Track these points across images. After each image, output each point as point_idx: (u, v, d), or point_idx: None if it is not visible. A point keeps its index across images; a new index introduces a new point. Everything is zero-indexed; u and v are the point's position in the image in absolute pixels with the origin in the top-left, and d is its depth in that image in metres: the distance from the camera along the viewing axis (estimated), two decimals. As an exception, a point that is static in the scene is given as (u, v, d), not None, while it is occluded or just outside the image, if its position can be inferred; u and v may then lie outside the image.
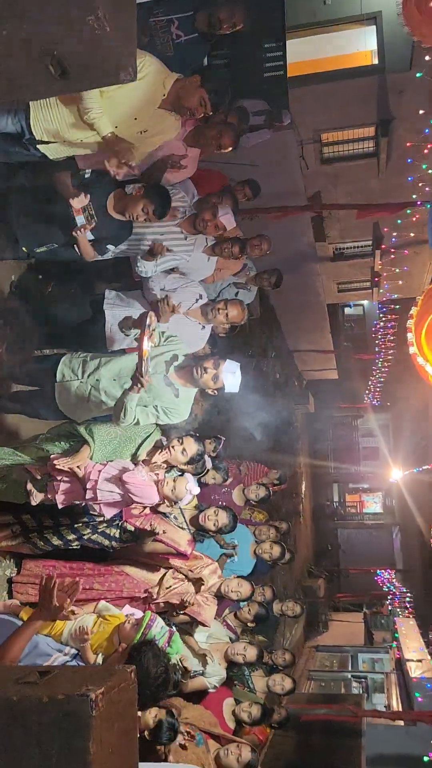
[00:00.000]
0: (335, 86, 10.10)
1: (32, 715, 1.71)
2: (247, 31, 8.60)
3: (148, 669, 2.52)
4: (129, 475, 3.34)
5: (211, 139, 3.86)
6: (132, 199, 3.37)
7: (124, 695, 1.89)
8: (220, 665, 4.70)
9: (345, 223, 13.55)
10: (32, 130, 3.16)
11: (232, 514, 4.22)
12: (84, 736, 1.67)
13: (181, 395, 3.55)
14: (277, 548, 5.52)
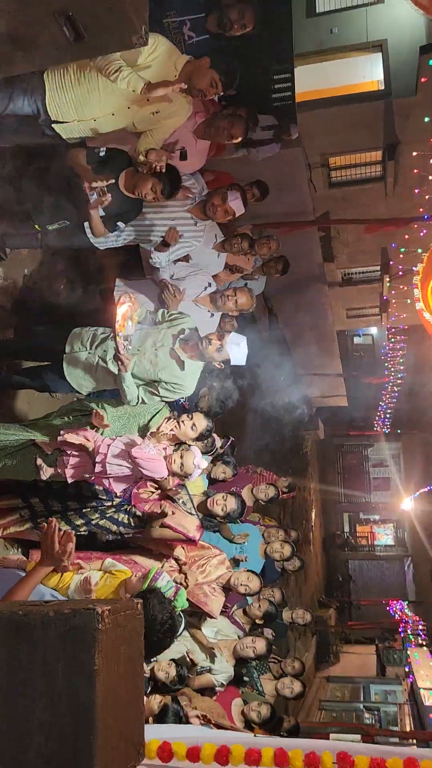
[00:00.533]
0: (342, 110, 10.35)
1: (38, 630, 1.70)
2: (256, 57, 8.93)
3: (154, 615, 2.50)
4: (137, 449, 3.36)
5: (222, 129, 3.97)
6: (142, 177, 3.46)
7: (130, 622, 1.88)
8: (228, 662, 4.61)
9: (353, 248, 13.74)
10: (47, 109, 3.28)
11: (240, 500, 4.20)
12: (90, 649, 1.66)
13: (187, 368, 3.58)
14: (287, 547, 5.46)
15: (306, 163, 10.14)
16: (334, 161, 11.81)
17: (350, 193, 12.09)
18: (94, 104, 3.28)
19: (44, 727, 1.63)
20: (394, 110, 10.24)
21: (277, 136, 6.97)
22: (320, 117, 10.32)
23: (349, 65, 10.65)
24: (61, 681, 1.65)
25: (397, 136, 10.68)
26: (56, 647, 1.68)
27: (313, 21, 10.66)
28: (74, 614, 1.71)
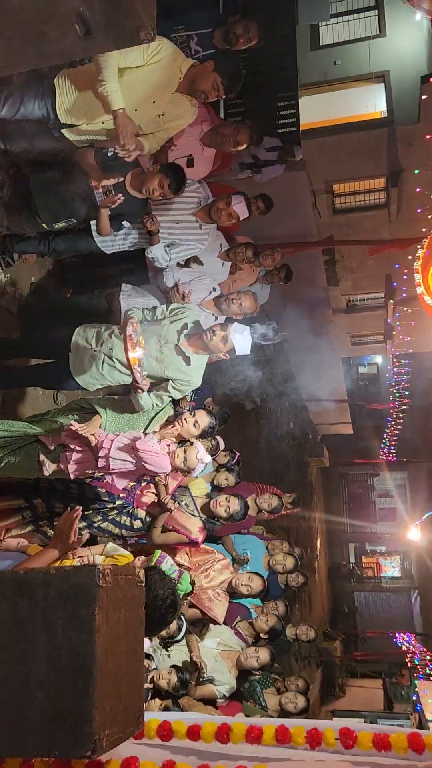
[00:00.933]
0: (346, 138, 10.59)
1: (39, 588, 1.71)
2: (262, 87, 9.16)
3: (156, 591, 2.47)
4: (141, 442, 3.37)
5: (228, 136, 4.08)
6: (149, 174, 3.55)
7: (131, 587, 1.88)
8: (230, 674, 4.54)
9: (358, 274, 13.86)
10: (57, 113, 3.38)
11: (243, 501, 4.19)
12: (90, 605, 1.66)
13: (193, 363, 3.61)
14: (290, 559, 5.41)
15: (310, 188, 10.31)
16: (339, 188, 12.02)
17: (354, 219, 12.27)
18: (100, 108, 3.38)
19: (44, 683, 1.63)
20: (397, 138, 10.46)
21: (282, 157, 7.11)
22: (324, 144, 10.56)
23: (353, 95, 10.93)
24: (62, 637, 1.65)
25: (400, 164, 10.88)
26: (57, 604, 1.68)
27: (317, 53, 10.99)
28: (75, 572, 1.72)
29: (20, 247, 4.13)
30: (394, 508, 24.44)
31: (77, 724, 1.59)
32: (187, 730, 2.13)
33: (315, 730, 2.05)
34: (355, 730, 2.04)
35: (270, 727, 2.09)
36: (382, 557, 24.79)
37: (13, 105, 3.39)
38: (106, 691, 1.66)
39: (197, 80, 3.45)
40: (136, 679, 1.87)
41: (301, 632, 5.88)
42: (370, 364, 24.06)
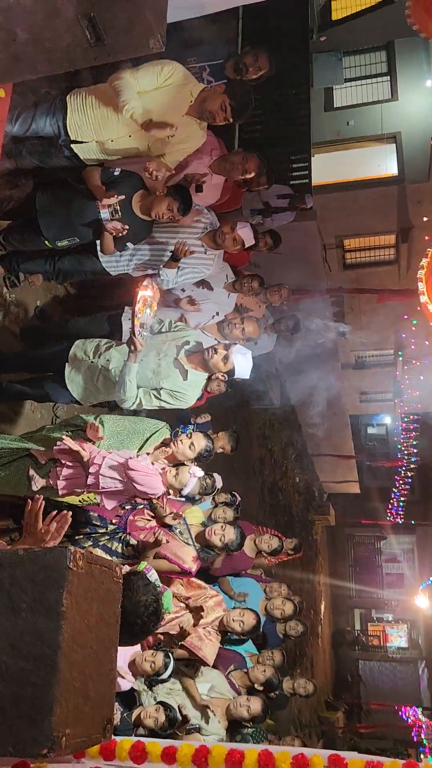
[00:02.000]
0: (357, 195, 10.82)
1: (5, 569, 1.59)
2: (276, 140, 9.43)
3: (138, 597, 2.32)
4: (134, 461, 3.25)
5: (237, 164, 4.13)
6: (157, 198, 3.57)
7: (106, 580, 1.76)
8: (220, 723, 4.25)
9: (368, 330, 13.89)
10: (68, 130, 3.44)
11: (239, 531, 4.01)
12: (58, 588, 1.54)
13: (190, 378, 3.53)
14: (289, 605, 5.16)
15: (321, 241, 10.47)
16: (349, 243, 12.20)
17: (364, 274, 12.41)
18: (112, 126, 3.45)
19: (2, 670, 1.49)
20: (407, 195, 10.67)
21: (293, 205, 7.22)
22: (336, 199, 10.78)
23: (365, 155, 11.23)
24: (25, 621, 1.52)
25: (410, 221, 11.06)
26: (23, 586, 1.56)
27: (331, 114, 11.36)
28: (45, 553, 1.60)
29: (26, 267, 4.13)
30: (401, 573, 23.72)
31: (35, 719, 1.44)
32: (162, 753, 1.95)
33: (302, 756, 1.86)
34: (345, 757, 1.86)
35: (252, 752, 1.91)
36: (388, 625, 23.87)
37: (25, 122, 3.46)
38: (70, 685, 1.51)
39: (206, 101, 3.51)
40: (107, 681, 1.71)
41: (299, 686, 5.55)
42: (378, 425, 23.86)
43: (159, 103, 3.38)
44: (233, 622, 4.15)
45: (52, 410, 4.57)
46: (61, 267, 4.05)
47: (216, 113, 3.52)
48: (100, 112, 3.41)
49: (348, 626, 22.51)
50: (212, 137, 4.16)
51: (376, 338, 14.22)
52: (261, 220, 6.87)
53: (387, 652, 22.44)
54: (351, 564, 23.76)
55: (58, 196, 3.64)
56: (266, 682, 4.73)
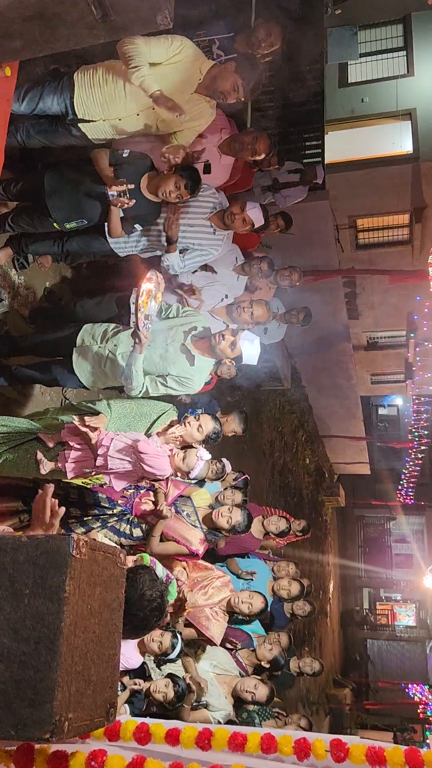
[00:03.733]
0: (371, 173, 10.63)
1: (7, 554, 1.59)
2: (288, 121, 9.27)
3: (143, 590, 2.33)
4: (143, 443, 3.25)
5: (246, 144, 4.06)
6: (164, 176, 3.53)
7: (110, 566, 1.76)
8: (226, 699, 4.30)
9: (379, 311, 13.77)
10: (75, 108, 3.39)
11: (247, 513, 4.02)
12: (61, 574, 1.55)
13: (197, 364, 3.52)
14: (296, 585, 5.19)
15: (333, 221, 10.33)
16: (362, 223, 12.04)
17: (377, 255, 12.25)
18: (119, 104, 3.40)
19: (5, 655, 1.50)
20: (422, 174, 10.48)
21: (304, 179, 7.10)
22: (349, 179, 10.61)
23: (379, 132, 11.03)
24: (27, 605, 1.53)
25: (424, 200, 10.89)
26: (25, 571, 1.57)
27: (345, 90, 11.15)
28: (48, 539, 1.61)
29: (34, 248, 4.11)
30: (411, 554, 23.77)
31: (37, 702, 1.46)
32: (165, 734, 1.97)
33: (304, 740, 1.87)
34: (347, 742, 1.87)
35: (255, 735, 1.92)
36: (397, 605, 24.02)
37: (32, 100, 3.41)
38: (72, 669, 1.52)
39: (218, 80, 3.44)
40: (110, 665, 1.73)
41: (306, 665, 5.59)
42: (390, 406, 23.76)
43: (168, 79, 3.32)
44: (242, 604, 4.18)
45: (61, 393, 4.58)
46: (69, 248, 4.03)
47: (228, 93, 3.45)
48: (108, 90, 3.36)
49: (357, 606, 22.68)
50: (222, 116, 4.09)
51: (388, 319, 14.12)
52: (272, 197, 6.78)
53: (395, 631, 22.61)
54: (360, 544, 23.86)
55: (67, 177, 3.60)
56: (273, 660, 4.77)
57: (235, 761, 1.88)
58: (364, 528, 23.89)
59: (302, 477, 15.09)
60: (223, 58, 3.98)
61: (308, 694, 14.11)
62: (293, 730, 4.82)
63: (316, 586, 15.32)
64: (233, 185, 4.80)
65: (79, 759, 1.72)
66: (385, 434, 22.82)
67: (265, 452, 11.83)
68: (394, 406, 23.41)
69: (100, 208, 3.59)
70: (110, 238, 3.82)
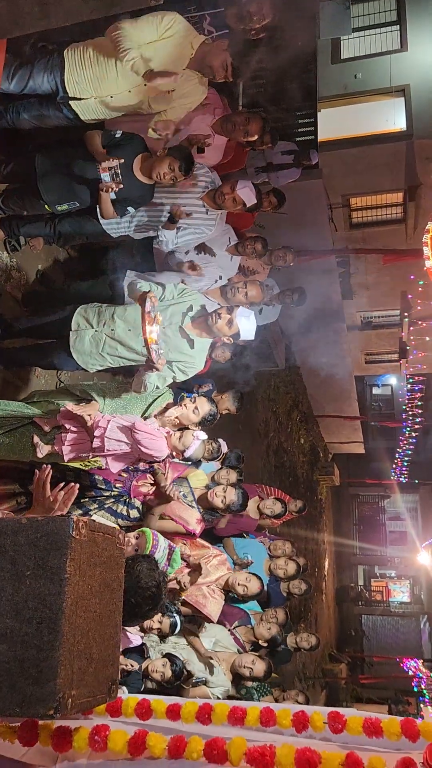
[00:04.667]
0: (364, 151, 10.55)
1: (8, 536, 1.61)
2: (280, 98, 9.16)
3: (139, 578, 2.35)
4: (141, 424, 3.28)
5: (239, 124, 4.02)
6: (158, 158, 3.50)
7: (109, 546, 1.78)
8: (225, 675, 4.37)
9: (374, 291, 13.75)
10: (66, 86, 3.35)
11: (242, 492, 4.06)
12: (61, 555, 1.56)
13: (197, 346, 3.53)
14: (292, 565, 5.25)
15: (327, 200, 10.27)
16: (356, 202, 11.97)
17: (370, 234, 12.19)
18: (110, 82, 3.36)
19: (7, 635, 1.52)
20: (416, 152, 10.41)
21: (298, 161, 7.06)
22: (342, 157, 10.53)
23: (373, 109, 10.92)
24: (28, 586, 1.55)
25: (418, 178, 10.82)
26: (26, 553, 1.58)
27: (338, 67, 11.01)
28: (48, 521, 1.62)
29: (26, 230, 4.08)
30: (404, 531, 24.01)
31: (40, 680, 1.48)
32: (166, 709, 2.01)
33: (302, 713, 1.91)
34: (344, 714, 1.91)
35: (254, 709, 1.96)
36: (391, 581, 24.30)
37: (22, 78, 3.37)
38: (74, 648, 1.55)
39: (208, 56, 3.41)
40: (112, 644, 1.76)
41: (302, 639, 5.67)
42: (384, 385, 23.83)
43: (159, 55, 3.28)
44: (238, 585, 4.23)
45: (56, 376, 4.58)
46: (61, 230, 4.00)
47: (217, 70, 3.42)
48: (99, 67, 3.32)
49: (352, 583, 22.94)
50: (215, 95, 4.06)
51: (383, 299, 14.09)
52: (265, 177, 6.74)
53: (389, 607, 22.90)
54: (355, 522, 24.07)
55: (58, 159, 3.57)
56: (271, 639, 4.84)
57: (235, 734, 1.91)
58: (358, 506, 24.08)
59: (297, 457, 15.17)
60: (215, 34, 3.93)
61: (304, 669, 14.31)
62: (292, 703, 4.92)
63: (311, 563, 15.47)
64: (226, 165, 4.77)
65: (83, 734, 1.75)
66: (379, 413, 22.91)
67: (260, 432, 11.87)
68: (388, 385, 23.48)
69: (92, 190, 3.56)
70: (102, 219, 3.79)
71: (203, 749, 1.69)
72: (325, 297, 11.85)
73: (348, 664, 17.74)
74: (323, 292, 11.63)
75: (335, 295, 11.71)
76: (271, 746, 1.61)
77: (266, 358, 10.17)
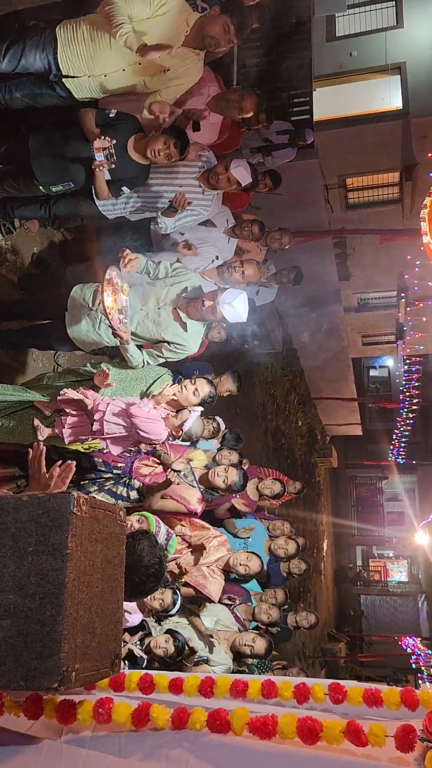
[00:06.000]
0: (360, 130, 10.46)
1: (9, 513, 1.62)
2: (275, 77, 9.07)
3: (141, 556, 2.38)
4: (136, 407, 3.28)
5: (234, 102, 3.99)
6: (153, 137, 3.46)
7: (110, 523, 1.79)
8: (227, 654, 4.42)
9: (370, 272, 13.70)
10: (59, 64, 3.31)
11: (242, 472, 4.08)
12: (63, 532, 1.58)
13: (190, 329, 3.52)
14: (292, 544, 5.29)
15: (323, 180, 10.20)
16: (352, 182, 11.88)
17: (367, 215, 12.12)
18: (105, 59, 3.32)
19: (11, 611, 1.54)
20: (412, 130, 10.32)
21: (293, 140, 7.02)
22: (338, 137, 10.44)
23: (369, 87, 10.82)
24: (31, 563, 1.56)
25: (414, 157, 10.74)
26: (28, 529, 1.59)
27: (333, 45, 10.89)
28: (49, 498, 1.63)
29: (21, 212, 4.05)
30: (402, 512, 24.16)
31: (44, 654, 1.50)
32: (169, 684, 2.04)
33: (303, 685, 1.94)
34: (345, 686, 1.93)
35: (256, 682, 1.99)
36: (389, 561, 24.51)
37: (14, 57, 3.33)
38: (77, 622, 1.57)
39: (205, 27, 3.36)
40: (114, 619, 1.78)
41: (302, 618, 5.74)
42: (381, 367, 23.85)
43: (154, 32, 3.24)
44: (239, 566, 4.26)
45: (53, 358, 4.58)
46: (57, 212, 3.97)
47: (219, 37, 3.36)
48: (92, 44, 3.28)
49: (350, 563, 23.14)
50: (209, 73, 4.01)
51: (380, 280, 14.05)
52: (261, 158, 6.70)
53: (388, 586, 23.12)
54: (353, 504, 24.23)
55: (52, 139, 3.53)
56: (269, 624, 4.89)
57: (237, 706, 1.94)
58: (356, 488, 24.22)
59: (295, 439, 15.22)
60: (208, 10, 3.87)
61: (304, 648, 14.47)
62: (297, 669, 4.98)
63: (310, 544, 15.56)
64: (221, 144, 4.73)
65: (87, 707, 1.78)
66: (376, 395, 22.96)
67: (258, 415, 11.89)
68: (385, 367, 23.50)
69: (87, 170, 3.53)
70: (98, 200, 3.76)
71: (206, 720, 1.72)
72: (321, 278, 11.83)
73: (347, 643, 17.94)
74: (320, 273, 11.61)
75: (332, 277, 11.68)
76: (273, 716, 1.64)
77: (264, 341, 10.17)
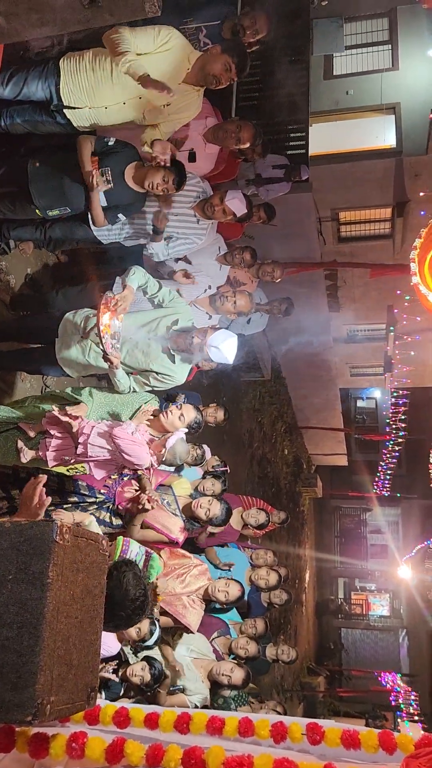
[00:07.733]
0: (354, 167, 10.67)
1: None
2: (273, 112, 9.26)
3: (127, 590, 2.34)
4: (118, 429, 3.27)
5: (231, 132, 4.05)
6: (152, 168, 3.50)
7: (92, 552, 1.78)
8: (203, 683, 4.35)
9: (360, 304, 13.86)
10: (60, 95, 3.36)
11: (225, 506, 4.05)
12: (44, 561, 1.56)
13: (178, 361, 3.53)
14: (273, 575, 5.25)
15: (316, 213, 10.36)
16: (345, 216, 12.08)
17: (358, 248, 12.30)
18: (106, 92, 3.38)
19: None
20: (405, 168, 10.54)
21: (288, 175, 7.13)
22: (333, 171, 10.64)
23: (363, 125, 11.06)
24: (10, 591, 1.54)
25: (406, 194, 10.95)
26: (8, 557, 1.58)
27: (330, 83, 11.15)
28: (32, 525, 1.62)
29: (16, 234, 4.08)
30: (385, 545, 24.09)
31: (19, 686, 1.47)
32: (144, 718, 2.00)
33: (281, 724, 1.91)
34: (323, 725, 1.91)
35: (233, 719, 1.96)
36: (371, 594, 24.35)
37: (17, 85, 3.38)
38: (54, 654, 1.54)
39: (207, 65, 3.42)
40: (92, 650, 1.75)
41: (282, 652, 5.67)
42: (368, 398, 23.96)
43: (155, 69, 3.29)
44: (218, 592, 4.22)
45: (42, 381, 4.57)
46: (52, 235, 4.00)
47: (221, 75, 3.43)
48: (94, 77, 3.33)
49: (332, 595, 22.96)
50: (207, 104, 4.08)
51: (369, 312, 14.20)
52: (255, 190, 6.79)
53: (369, 620, 22.92)
54: (337, 535, 24.13)
55: (51, 164, 3.56)
56: (247, 659, 4.82)
57: (213, 744, 1.91)
58: (340, 519, 24.15)
59: (281, 467, 15.19)
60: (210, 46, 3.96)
61: (282, 681, 14.27)
62: (273, 702, 4.90)
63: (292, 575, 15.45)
64: (218, 175, 4.80)
65: (60, 741, 1.74)
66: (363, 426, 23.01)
67: (244, 443, 11.88)
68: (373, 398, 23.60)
69: (83, 195, 3.57)
70: (94, 226, 3.80)
71: (181, 758, 1.69)
72: (312, 309, 11.93)
73: (326, 677, 17.72)
74: (311, 303, 11.71)
75: (322, 307, 11.78)
76: (249, 756, 1.61)
77: (252, 368, 10.21)
